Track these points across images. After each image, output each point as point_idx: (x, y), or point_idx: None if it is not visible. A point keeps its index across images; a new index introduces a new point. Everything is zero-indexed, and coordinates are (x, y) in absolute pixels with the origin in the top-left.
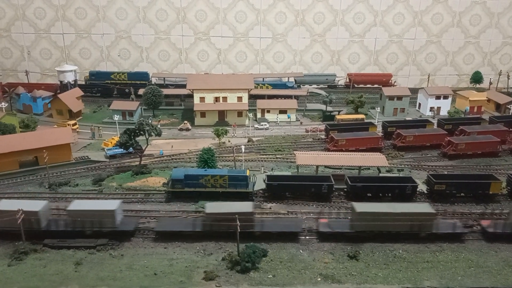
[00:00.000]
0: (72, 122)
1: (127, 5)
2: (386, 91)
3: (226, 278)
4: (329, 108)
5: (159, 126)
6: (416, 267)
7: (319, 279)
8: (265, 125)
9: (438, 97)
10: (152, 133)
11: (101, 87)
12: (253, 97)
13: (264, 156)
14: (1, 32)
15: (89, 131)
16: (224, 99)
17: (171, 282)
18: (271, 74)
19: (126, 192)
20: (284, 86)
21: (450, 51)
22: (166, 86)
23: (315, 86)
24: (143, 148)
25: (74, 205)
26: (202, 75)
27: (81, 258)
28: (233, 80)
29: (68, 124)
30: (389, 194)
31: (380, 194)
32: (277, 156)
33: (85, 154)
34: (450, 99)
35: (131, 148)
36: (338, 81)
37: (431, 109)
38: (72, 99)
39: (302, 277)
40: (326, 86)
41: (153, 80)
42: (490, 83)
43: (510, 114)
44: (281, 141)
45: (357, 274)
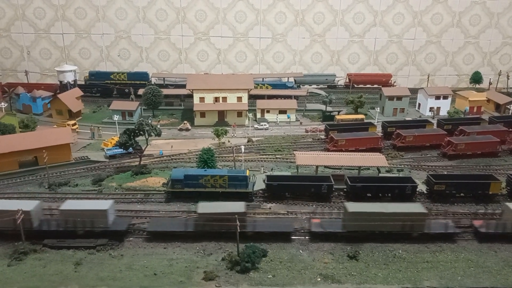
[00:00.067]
0: (72, 122)
1: (127, 5)
2: (386, 91)
3: (226, 278)
4: (329, 108)
5: (159, 126)
6: (416, 267)
7: (319, 279)
8: (265, 125)
9: (438, 97)
10: (152, 133)
11: (101, 87)
12: (253, 97)
13: (264, 156)
14: (1, 32)
15: (89, 131)
16: (224, 99)
17: (171, 282)
18: (271, 74)
19: (126, 192)
20: (284, 86)
21: (450, 51)
22: (166, 86)
23: (315, 86)
24: (143, 148)
25: (67, 205)
26: (202, 75)
27: (81, 258)
28: (233, 80)
29: (68, 124)
30: (389, 194)
31: (380, 194)
32: (277, 156)
33: (85, 154)
34: (450, 99)
35: (131, 148)
36: (338, 81)
37: (431, 109)
38: (72, 99)
39: (302, 277)
40: (326, 86)
41: (153, 80)
42: (490, 83)
43: (510, 114)
44: (281, 141)
45: (357, 274)
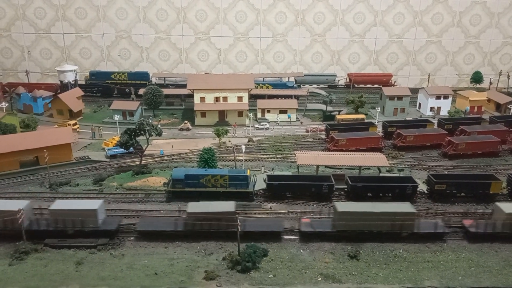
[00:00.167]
0: (73, 122)
1: (127, 5)
2: (386, 91)
3: (227, 278)
4: (329, 108)
5: (160, 126)
6: (417, 267)
7: (320, 279)
8: (266, 125)
9: (438, 97)
10: (153, 133)
11: (102, 87)
12: (254, 97)
13: (265, 156)
14: (1, 32)
15: (90, 131)
16: (225, 99)
17: (172, 282)
18: (271, 74)
19: (127, 192)
20: (284, 86)
21: (450, 51)
22: (167, 86)
23: (315, 86)
24: (144, 148)
25: (56, 205)
26: (203, 75)
27: (82, 258)
28: (234, 80)
29: (69, 124)
30: (390, 194)
31: (381, 194)
32: (278, 156)
33: (86, 154)
34: (450, 99)
35: (132, 148)
36: (338, 81)
37: (431, 109)
38: (73, 99)
39: (303, 277)
40: (326, 86)
41: (154, 80)
42: (490, 83)
43: (510, 114)
44: (282, 141)
45: (358, 274)
